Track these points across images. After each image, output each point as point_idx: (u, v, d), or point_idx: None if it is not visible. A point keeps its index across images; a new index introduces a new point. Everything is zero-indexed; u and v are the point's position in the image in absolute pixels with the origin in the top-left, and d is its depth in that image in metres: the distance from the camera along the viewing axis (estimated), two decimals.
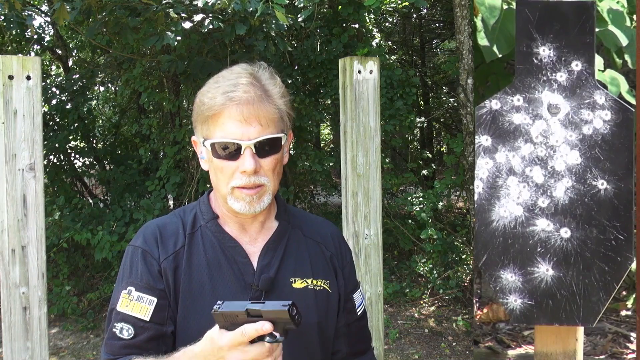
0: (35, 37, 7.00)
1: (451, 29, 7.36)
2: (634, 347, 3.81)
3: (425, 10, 8.97)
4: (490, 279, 2.23)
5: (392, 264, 6.63)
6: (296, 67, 5.93)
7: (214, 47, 5.28)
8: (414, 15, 8.90)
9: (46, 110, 6.46)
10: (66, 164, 6.86)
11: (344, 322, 1.43)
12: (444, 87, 9.50)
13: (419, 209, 5.37)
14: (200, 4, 4.12)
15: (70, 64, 8.01)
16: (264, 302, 1.10)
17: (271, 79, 1.30)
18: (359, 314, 1.46)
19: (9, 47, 7.10)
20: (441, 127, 10.70)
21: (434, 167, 7.94)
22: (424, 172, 6.72)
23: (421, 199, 5.50)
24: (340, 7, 5.97)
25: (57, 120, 6.57)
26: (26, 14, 5.11)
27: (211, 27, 4.26)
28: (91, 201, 6.75)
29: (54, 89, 6.84)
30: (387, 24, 9.07)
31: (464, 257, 5.75)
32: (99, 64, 7.91)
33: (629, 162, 2.15)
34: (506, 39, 3.38)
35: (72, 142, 7.08)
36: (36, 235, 2.50)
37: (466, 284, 5.69)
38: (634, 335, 3.91)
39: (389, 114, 5.59)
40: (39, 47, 7.32)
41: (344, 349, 1.43)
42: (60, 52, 7.65)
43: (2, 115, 2.45)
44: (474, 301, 4.53)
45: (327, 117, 7.10)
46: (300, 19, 4.93)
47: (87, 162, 7.22)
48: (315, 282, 1.37)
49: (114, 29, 4.47)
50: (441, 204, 5.90)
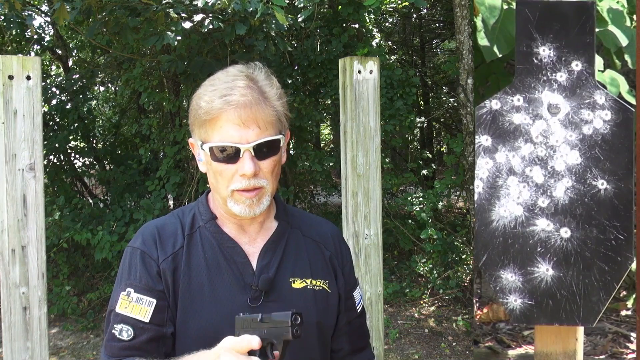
0: (35, 37, 6.99)
1: (451, 29, 7.37)
2: (634, 347, 3.81)
3: (425, 10, 8.98)
4: (490, 279, 2.23)
5: (392, 264, 6.63)
6: (296, 67, 5.93)
7: (214, 47, 5.28)
8: (414, 15, 8.90)
9: (46, 110, 6.46)
10: (66, 164, 6.86)
11: (345, 320, 1.43)
12: (444, 87, 9.50)
13: (419, 209, 5.38)
14: (200, 4, 4.12)
15: (70, 64, 8.01)
16: (286, 312, 1.12)
17: (267, 80, 1.30)
18: (359, 310, 1.47)
19: (9, 47, 7.10)
20: (441, 127, 10.70)
21: (434, 167, 7.94)
22: (424, 172, 6.72)
23: (421, 199, 5.50)
24: (340, 7, 5.97)
25: (57, 120, 6.58)
26: (26, 14, 5.11)
27: (211, 27, 4.26)
28: (91, 201, 6.75)
29: (54, 89, 6.84)
30: (387, 24, 9.07)
31: (464, 257, 5.75)
32: (99, 64, 7.91)
33: (629, 162, 2.15)
34: (506, 39, 3.38)
35: (72, 142, 7.08)
36: (36, 235, 2.50)
37: (466, 284, 5.68)
38: (634, 335, 3.91)
39: (389, 114, 5.59)
40: (39, 47, 7.31)
41: (346, 347, 1.44)
42: (60, 52, 7.65)
43: (2, 115, 2.45)
44: (474, 301, 4.53)
45: (327, 117, 7.11)
46: (300, 19, 4.93)
47: (87, 162, 7.22)
48: (314, 282, 1.37)
49: (114, 29, 4.46)
50: (441, 204, 5.90)
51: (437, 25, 9.78)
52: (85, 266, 6.26)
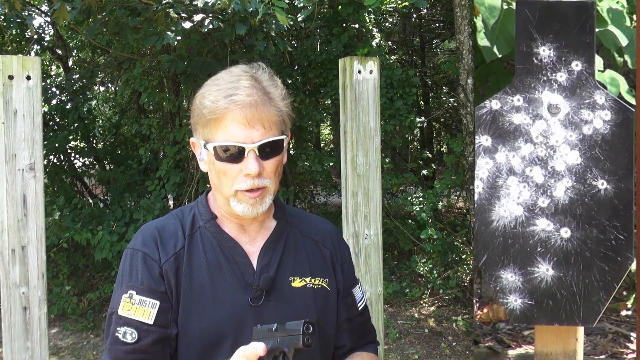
0: (35, 37, 7.00)
1: (451, 29, 7.37)
2: (634, 347, 3.81)
3: (425, 10, 8.98)
4: (490, 279, 2.23)
5: (392, 264, 6.63)
6: (296, 67, 5.94)
7: (214, 47, 5.28)
8: (414, 15, 8.90)
9: (46, 110, 6.46)
10: (66, 164, 6.86)
11: (345, 317, 1.43)
12: (444, 87, 9.50)
13: (419, 209, 5.38)
14: (200, 4, 4.12)
15: (70, 64, 8.01)
16: (298, 321, 1.13)
17: (271, 80, 1.30)
18: (360, 308, 1.47)
19: (9, 47, 7.10)
20: (441, 127, 10.70)
21: (434, 167, 7.94)
22: (424, 172, 6.72)
23: (421, 199, 5.50)
24: (340, 7, 5.98)
25: (57, 120, 6.58)
26: (26, 14, 5.11)
27: (211, 27, 4.26)
28: (91, 201, 6.75)
29: (54, 89, 6.84)
30: (387, 24, 9.07)
31: (464, 257, 5.75)
32: (99, 64, 7.91)
33: (629, 162, 2.15)
34: (506, 39, 3.38)
35: (72, 142, 7.08)
36: (36, 235, 2.50)
37: (466, 284, 5.69)
38: (634, 335, 3.91)
39: (389, 114, 5.59)
40: (39, 47, 7.31)
41: (347, 344, 1.44)
42: (60, 52, 7.65)
43: (2, 115, 2.45)
44: (474, 301, 4.53)
45: (327, 117, 7.11)
46: (300, 19, 4.93)
47: (87, 162, 7.22)
48: (313, 280, 1.37)
49: (114, 29, 4.46)
50: (441, 204, 5.90)
51: (437, 25, 9.77)
52: (85, 266, 6.26)
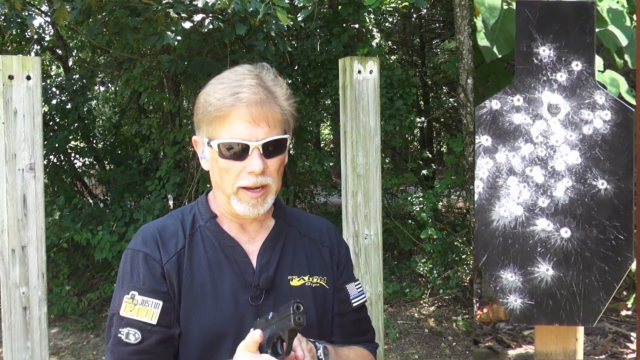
0: (35, 37, 7.00)
1: (451, 29, 7.36)
2: (634, 347, 3.81)
3: (425, 10, 8.98)
4: (490, 279, 2.23)
5: (392, 264, 6.63)
6: (296, 67, 5.93)
7: (214, 47, 5.28)
8: (414, 15, 8.90)
9: (46, 110, 6.46)
10: (66, 164, 6.86)
11: (337, 311, 1.42)
12: (444, 87, 9.49)
13: (419, 209, 5.37)
14: (200, 4, 4.12)
15: (70, 64, 8.01)
16: (288, 303, 1.14)
17: (276, 80, 1.32)
18: (354, 305, 1.44)
19: (9, 47, 7.10)
20: (441, 127, 10.70)
21: (434, 167, 7.94)
22: (424, 172, 6.72)
23: (421, 199, 5.50)
24: (340, 7, 5.98)
25: (57, 120, 6.58)
26: (26, 14, 5.11)
27: (211, 27, 4.26)
28: (91, 201, 6.75)
29: (54, 89, 6.84)
30: (387, 24, 9.07)
31: (464, 257, 5.75)
32: (99, 64, 7.91)
33: (629, 162, 2.15)
34: (506, 39, 3.38)
35: (72, 142, 7.08)
36: (36, 235, 2.50)
37: (466, 284, 5.68)
38: (634, 335, 3.91)
39: (389, 114, 5.59)
40: (39, 47, 7.32)
41: (338, 340, 1.42)
42: (60, 52, 7.65)
43: (2, 115, 2.45)
44: (474, 301, 4.53)
45: (327, 117, 7.11)
46: (300, 19, 4.93)
47: (87, 162, 7.22)
48: (312, 279, 1.38)
49: (114, 29, 4.46)
50: (441, 204, 5.90)
51: (437, 25, 9.77)
52: (85, 266, 6.26)
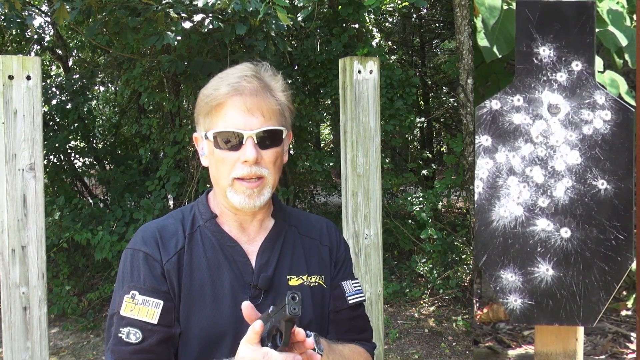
0: (35, 37, 7.00)
1: (451, 29, 7.37)
2: (634, 347, 3.81)
3: (425, 10, 8.98)
4: (490, 279, 2.23)
5: (392, 264, 6.63)
6: (296, 67, 5.93)
7: (214, 47, 5.28)
8: (414, 15, 8.90)
9: (46, 110, 6.46)
10: (66, 164, 6.85)
11: (331, 308, 1.42)
12: (444, 87, 9.50)
13: (419, 209, 5.37)
14: (200, 4, 4.12)
15: (70, 64, 8.01)
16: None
17: (273, 75, 1.34)
18: (350, 303, 1.43)
19: (9, 47, 7.10)
20: (441, 127, 10.70)
21: (434, 167, 7.94)
22: (424, 172, 6.72)
23: (421, 199, 5.50)
24: (340, 7, 5.98)
25: (57, 120, 6.58)
26: (26, 14, 5.11)
27: (211, 27, 4.26)
28: (91, 201, 6.74)
29: (54, 89, 6.84)
30: (387, 24, 9.08)
31: (464, 257, 5.75)
32: (99, 64, 7.91)
33: (629, 162, 2.15)
34: (506, 39, 3.38)
35: (72, 142, 7.08)
36: (36, 235, 2.50)
37: (466, 284, 5.68)
38: (634, 335, 3.91)
39: (389, 114, 5.59)
40: (39, 47, 7.32)
41: (333, 337, 1.41)
42: (60, 52, 7.65)
43: (2, 115, 2.45)
44: (474, 301, 4.53)
45: (327, 117, 7.11)
46: (299, 19, 4.93)
47: (87, 162, 7.22)
48: (310, 278, 1.38)
49: (114, 29, 4.46)
50: (441, 204, 5.89)
51: (437, 25, 9.78)
52: (85, 266, 6.26)
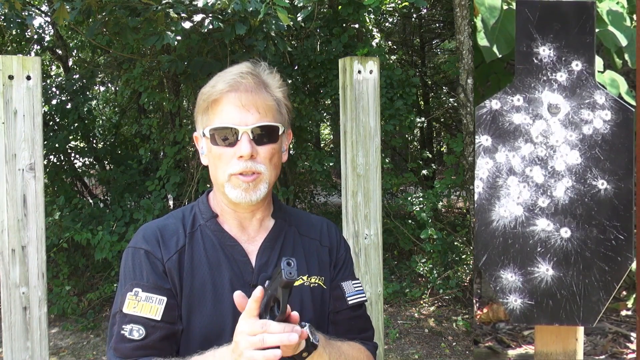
0: (35, 37, 7.00)
1: (451, 29, 7.36)
2: (634, 347, 3.81)
3: (425, 10, 8.98)
4: (490, 279, 2.23)
5: (392, 264, 6.63)
6: (296, 67, 5.93)
7: (214, 47, 5.27)
8: (414, 15, 8.90)
9: (46, 110, 6.46)
10: (66, 164, 6.85)
11: (331, 308, 1.42)
12: (444, 87, 9.50)
13: (419, 209, 5.37)
14: (200, 4, 4.12)
15: (70, 64, 8.01)
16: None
17: (270, 73, 1.35)
18: (350, 303, 1.43)
19: (9, 47, 7.10)
20: (441, 127, 10.71)
21: (434, 167, 7.94)
22: (424, 172, 6.72)
23: (421, 199, 5.50)
24: (340, 7, 5.97)
25: (57, 120, 6.57)
26: (26, 14, 5.11)
27: (211, 27, 4.26)
28: (91, 201, 6.74)
29: (54, 89, 6.84)
30: (387, 24, 9.07)
31: (464, 257, 5.75)
32: (99, 64, 7.91)
33: (629, 162, 2.15)
34: (506, 39, 3.38)
35: (72, 142, 7.08)
36: (36, 235, 2.50)
37: (466, 284, 5.68)
38: (634, 335, 3.91)
39: (389, 114, 5.58)
40: (39, 47, 7.31)
41: (333, 337, 1.41)
42: (60, 52, 7.65)
43: (2, 115, 2.45)
44: (474, 301, 4.53)
45: (327, 117, 7.11)
46: (299, 19, 4.93)
47: (87, 162, 7.22)
48: (310, 279, 1.38)
49: (114, 29, 4.46)
50: (441, 204, 5.89)
51: (437, 25, 9.78)
52: (85, 266, 6.26)
